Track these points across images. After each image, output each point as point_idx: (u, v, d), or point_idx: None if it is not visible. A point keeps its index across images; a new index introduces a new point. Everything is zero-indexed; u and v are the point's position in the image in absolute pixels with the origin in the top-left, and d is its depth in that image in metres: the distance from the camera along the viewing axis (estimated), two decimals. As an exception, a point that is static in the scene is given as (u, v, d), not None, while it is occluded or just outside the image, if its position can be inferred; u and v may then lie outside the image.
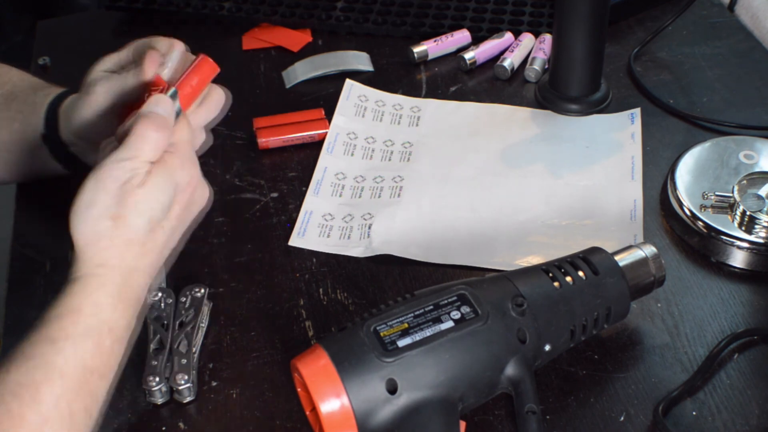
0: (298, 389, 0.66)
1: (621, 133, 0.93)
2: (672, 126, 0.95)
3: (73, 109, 0.78)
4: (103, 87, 0.75)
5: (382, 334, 0.62)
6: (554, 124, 0.95)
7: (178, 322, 0.73)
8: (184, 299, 0.74)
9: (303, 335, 0.75)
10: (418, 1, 1.13)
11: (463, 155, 0.92)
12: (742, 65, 1.02)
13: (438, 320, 0.63)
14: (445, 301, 0.64)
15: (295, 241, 0.83)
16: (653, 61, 1.03)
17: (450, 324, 0.63)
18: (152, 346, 0.71)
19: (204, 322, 0.75)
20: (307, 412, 0.66)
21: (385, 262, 0.80)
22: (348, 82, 1.01)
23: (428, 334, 0.63)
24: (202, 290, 0.75)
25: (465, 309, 0.64)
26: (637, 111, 0.95)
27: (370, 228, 0.83)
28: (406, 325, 0.63)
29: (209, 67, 0.72)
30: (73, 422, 0.58)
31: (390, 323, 0.63)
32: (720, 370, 0.70)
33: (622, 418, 0.67)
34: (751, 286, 0.77)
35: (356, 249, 0.82)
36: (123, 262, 0.62)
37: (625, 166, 0.89)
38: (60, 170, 0.83)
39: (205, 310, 0.75)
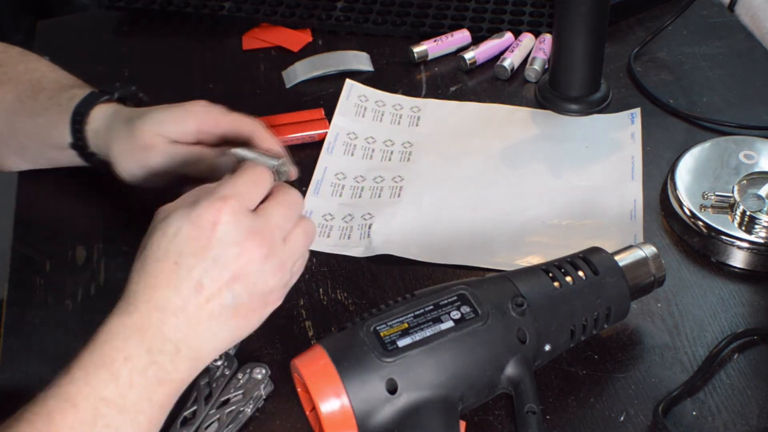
0: (298, 389, 0.66)
1: (621, 133, 0.93)
2: (672, 126, 0.95)
3: (119, 156, 0.78)
4: (163, 159, 0.76)
5: (382, 334, 0.62)
6: (554, 124, 0.95)
7: (223, 399, 0.68)
8: (241, 375, 0.69)
9: (303, 335, 0.75)
10: (418, 1, 1.13)
11: (463, 155, 0.92)
12: (742, 65, 1.02)
13: (438, 320, 0.63)
14: (445, 301, 0.64)
15: (295, 241, 0.83)
16: (653, 61, 1.03)
17: (450, 324, 0.63)
18: (183, 414, 0.66)
19: (249, 409, 0.68)
20: (307, 412, 0.66)
21: (385, 262, 0.80)
22: (348, 82, 1.01)
23: (428, 334, 0.63)
24: (263, 371, 0.69)
25: (465, 309, 0.64)
26: (637, 111, 0.95)
27: (370, 228, 0.83)
28: (406, 325, 0.63)
29: None
30: None
31: (390, 323, 0.63)
32: (720, 370, 0.70)
33: (622, 418, 0.67)
34: (751, 286, 0.77)
35: (356, 249, 0.82)
36: (152, 296, 0.60)
37: (625, 166, 0.89)
38: (85, 166, 0.84)
39: (257, 394, 0.68)
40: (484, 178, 0.89)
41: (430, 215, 0.85)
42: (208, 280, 0.60)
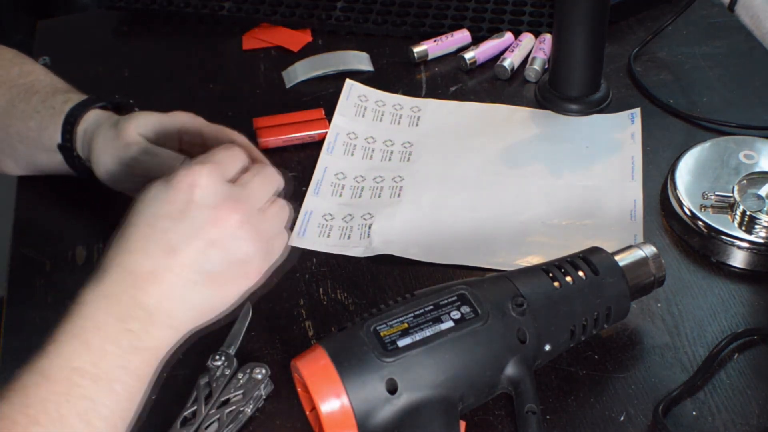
0: (298, 389, 0.66)
1: (621, 133, 0.93)
2: (672, 126, 0.95)
3: (99, 151, 0.77)
4: (141, 156, 0.75)
5: (382, 334, 0.62)
6: (554, 124, 0.95)
7: (223, 399, 0.67)
8: (242, 375, 0.68)
9: (303, 335, 0.75)
10: (418, 1, 1.13)
11: (463, 155, 0.92)
12: (742, 65, 1.02)
13: (438, 320, 0.63)
14: (445, 301, 0.64)
15: (295, 241, 0.83)
16: (653, 61, 1.03)
17: (450, 324, 0.63)
18: (183, 414, 0.66)
19: (249, 409, 0.67)
20: (307, 412, 0.66)
21: (385, 262, 0.80)
22: (348, 82, 1.01)
23: (428, 334, 0.63)
24: (263, 371, 0.69)
25: (465, 309, 0.64)
26: (637, 111, 0.95)
27: (370, 228, 0.83)
28: (406, 325, 0.63)
29: None
30: (65, 427, 0.55)
31: (390, 323, 0.63)
32: (720, 370, 0.70)
33: (622, 418, 0.67)
34: (751, 286, 0.77)
35: (356, 249, 0.82)
36: (124, 262, 0.60)
37: (625, 166, 0.89)
38: (71, 173, 0.84)
39: (257, 394, 0.68)
40: (484, 178, 0.89)
41: (430, 215, 0.85)
42: (182, 244, 0.60)
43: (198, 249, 0.61)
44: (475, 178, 0.89)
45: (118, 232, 0.62)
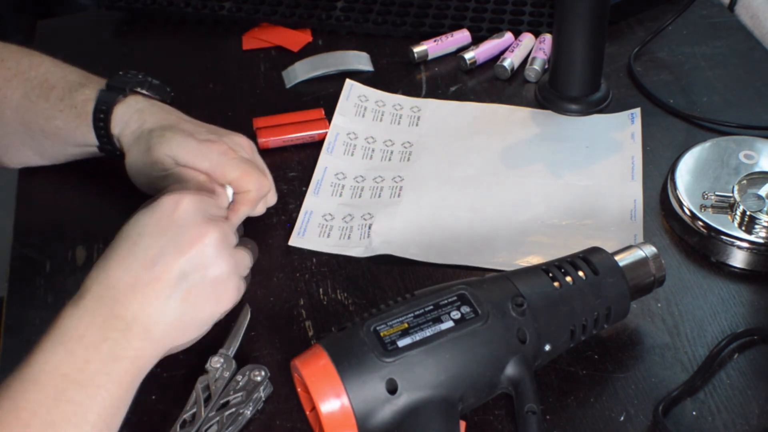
0: (298, 389, 0.66)
1: (621, 133, 0.93)
2: (672, 126, 0.95)
3: (132, 160, 0.80)
4: (168, 178, 0.77)
5: (382, 334, 0.62)
6: (554, 124, 0.95)
7: (222, 401, 0.67)
8: (241, 377, 0.69)
9: (303, 335, 0.75)
10: (418, 1, 1.13)
11: (463, 155, 0.92)
12: (742, 65, 1.02)
13: (438, 320, 0.63)
14: (445, 301, 0.64)
15: (295, 241, 0.83)
16: (653, 61, 1.03)
17: (450, 324, 0.63)
18: (183, 417, 0.66)
19: (249, 411, 0.67)
20: (307, 412, 0.66)
21: (385, 262, 0.80)
22: (348, 82, 1.01)
23: (428, 334, 0.63)
24: (262, 373, 0.69)
25: (465, 309, 0.64)
26: (637, 111, 0.95)
27: (370, 228, 0.83)
28: (406, 325, 0.63)
29: None
30: (55, 430, 0.57)
31: (390, 323, 0.63)
32: (720, 370, 0.70)
33: (622, 418, 0.67)
34: (751, 286, 0.77)
35: (356, 249, 0.82)
36: (104, 278, 0.63)
37: (625, 166, 0.89)
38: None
39: (257, 396, 0.68)
40: (484, 178, 0.89)
41: (430, 215, 0.85)
42: (161, 259, 0.63)
43: (176, 265, 0.63)
44: (475, 178, 0.89)
45: (99, 257, 0.65)
